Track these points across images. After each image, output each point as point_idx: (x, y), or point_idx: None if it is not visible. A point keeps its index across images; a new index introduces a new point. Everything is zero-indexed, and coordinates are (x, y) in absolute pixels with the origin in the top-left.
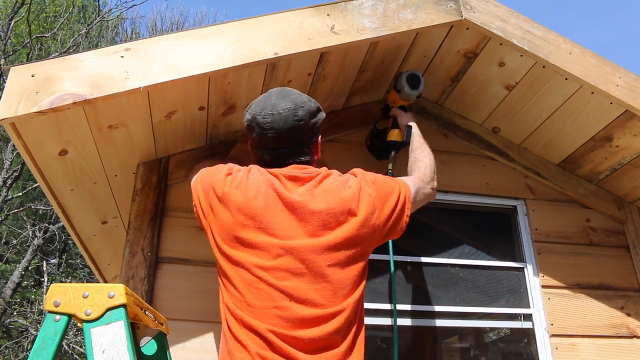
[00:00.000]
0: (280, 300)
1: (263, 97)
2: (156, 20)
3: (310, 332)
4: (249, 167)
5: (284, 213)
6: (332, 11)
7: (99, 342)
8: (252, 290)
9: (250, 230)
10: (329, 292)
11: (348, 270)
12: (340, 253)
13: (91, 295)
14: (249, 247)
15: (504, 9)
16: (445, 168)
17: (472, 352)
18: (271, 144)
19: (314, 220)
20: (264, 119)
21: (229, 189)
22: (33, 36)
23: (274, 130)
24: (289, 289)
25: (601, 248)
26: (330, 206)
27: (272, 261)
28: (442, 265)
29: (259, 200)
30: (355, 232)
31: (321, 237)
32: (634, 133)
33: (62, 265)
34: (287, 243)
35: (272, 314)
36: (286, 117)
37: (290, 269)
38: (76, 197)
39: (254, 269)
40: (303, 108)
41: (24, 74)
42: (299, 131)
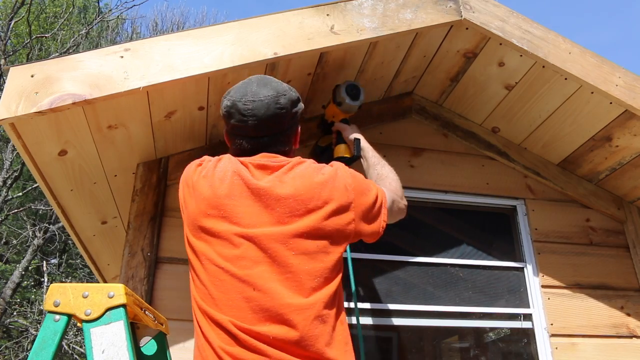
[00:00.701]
0: (244, 291)
1: (243, 84)
2: (157, 20)
3: (275, 330)
4: (219, 157)
5: (249, 200)
6: (332, 11)
7: (99, 342)
8: (216, 281)
9: (214, 219)
10: (294, 283)
11: (317, 262)
12: (308, 242)
13: (91, 295)
14: (213, 236)
15: (503, 8)
16: (445, 168)
17: (472, 352)
18: (251, 131)
19: (280, 207)
20: (244, 105)
21: (197, 178)
22: (33, 36)
23: (255, 118)
24: (251, 278)
25: (601, 248)
26: (299, 192)
27: (235, 250)
28: (442, 265)
29: (223, 188)
30: (326, 222)
31: (287, 224)
32: (634, 133)
33: (62, 265)
34: (250, 231)
35: (236, 305)
36: (268, 104)
37: (253, 258)
38: (76, 197)
39: (218, 259)
40: (285, 96)
41: (24, 74)
42: (280, 119)
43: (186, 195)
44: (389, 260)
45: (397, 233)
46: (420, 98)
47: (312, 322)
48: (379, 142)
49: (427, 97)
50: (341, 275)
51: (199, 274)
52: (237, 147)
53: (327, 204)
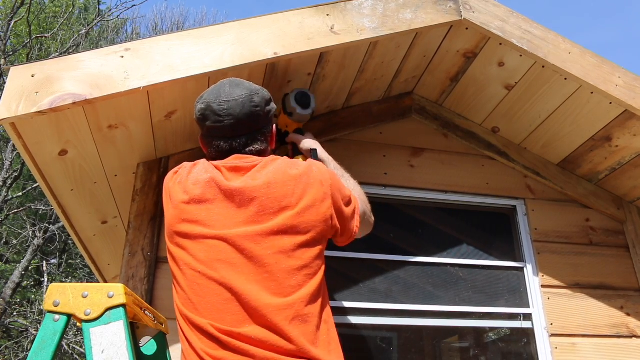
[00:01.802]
0: (222, 294)
1: (215, 87)
2: (157, 20)
3: (255, 331)
4: (195, 162)
5: (222, 203)
6: (332, 11)
7: (99, 342)
8: (194, 286)
9: (188, 224)
10: (272, 283)
11: (295, 260)
12: (285, 240)
13: (90, 295)
14: (188, 240)
15: (503, 8)
16: (445, 168)
17: (471, 352)
18: (228, 131)
19: (253, 206)
20: (219, 105)
21: (173, 185)
22: (33, 36)
23: (231, 117)
24: (228, 281)
25: (601, 248)
26: (272, 189)
27: (210, 253)
28: (442, 265)
29: (196, 193)
30: (301, 218)
31: (261, 223)
32: (634, 133)
33: (62, 265)
34: (224, 233)
35: (215, 308)
36: (243, 102)
37: (229, 260)
38: (76, 197)
39: (194, 263)
40: (258, 95)
41: (24, 74)
42: (256, 117)
43: (165, 204)
44: (389, 260)
45: (397, 233)
46: (420, 98)
47: (292, 321)
48: (379, 142)
49: (427, 97)
50: (323, 273)
51: (179, 280)
52: (214, 149)
53: (302, 199)
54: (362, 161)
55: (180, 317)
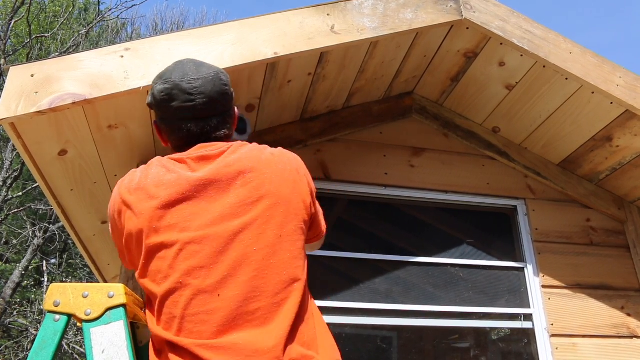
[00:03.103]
0: (208, 303)
1: (176, 66)
2: (157, 20)
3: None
4: (147, 164)
5: (196, 199)
6: (332, 11)
7: (99, 342)
8: (177, 298)
9: (162, 234)
10: (262, 280)
11: (282, 253)
12: (269, 233)
13: (91, 295)
14: (166, 249)
15: (504, 8)
16: (445, 168)
17: (472, 352)
18: (200, 111)
19: (229, 197)
20: (189, 84)
21: (129, 194)
22: (33, 36)
23: (203, 95)
24: (214, 288)
25: (601, 248)
26: (247, 178)
27: (192, 260)
28: (443, 265)
29: (163, 194)
30: (283, 206)
31: (241, 216)
32: (634, 133)
33: (62, 265)
34: (204, 233)
35: (200, 321)
36: (213, 80)
37: (212, 265)
38: (76, 197)
39: (175, 274)
40: (223, 74)
41: (24, 74)
42: (226, 96)
43: (119, 219)
44: (389, 260)
45: (398, 233)
46: (420, 98)
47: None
48: (379, 142)
49: (428, 97)
50: (306, 264)
51: (157, 296)
52: (183, 134)
53: (281, 186)
54: (363, 161)
55: (158, 344)
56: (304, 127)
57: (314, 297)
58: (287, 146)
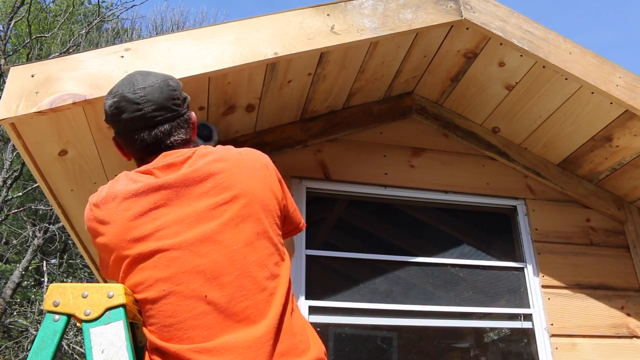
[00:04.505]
0: (195, 308)
1: (124, 79)
2: (156, 20)
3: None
4: (115, 178)
5: (168, 205)
6: (332, 11)
7: (98, 342)
8: (162, 307)
9: (138, 244)
10: (246, 279)
11: (262, 250)
12: (245, 231)
13: (90, 295)
14: (144, 260)
15: (504, 8)
16: (445, 168)
17: (472, 352)
18: (150, 119)
19: (202, 200)
20: (135, 94)
21: (98, 210)
22: (33, 36)
23: (150, 103)
24: (200, 292)
25: (601, 248)
26: (218, 180)
27: (173, 267)
28: (443, 265)
29: (134, 205)
30: (256, 204)
31: (217, 218)
32: (634, 133)
33: (62, 265)
34: (181, 239)
35: (190, 326)
36: (160, 87)
37: (195, 269)
38: (76, 197)
39: (159, 283)
40: (172, 79)
41: (24, 74)
42: (175, 101)
43: (96, 236)
44: (389, 260)
45: (398, 233)
46: (420, 98)
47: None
48: (379, 142)
49: (428, 97)
50: (289, 258)
51: (145, 307)
52: (138, 145)
53: (253, 184)
54: (363, 161)
55: (152, 351)
56: (304, 127)
57: (316, 297)
58: (287, 146)
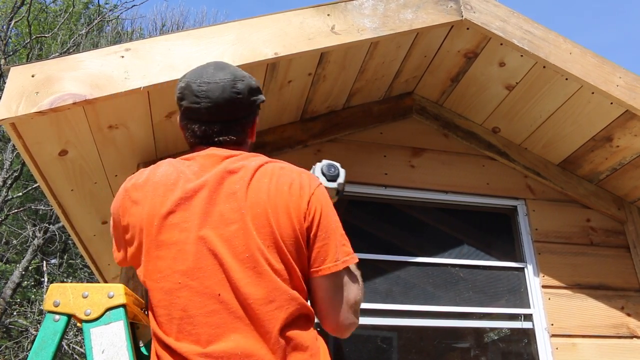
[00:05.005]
0: (205, 306)
1: (199, 67)
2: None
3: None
4: (157, 164)
5: (196, 202)
6: (333, 11)
7: (99, 342)
8: (174, 299)
9: (165, 232)
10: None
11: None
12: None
13: (91, 295)
14: (165, 248)
15: (504, 9)
16: (445, 168)
17: (472, 352)
18: (204, 115)
19: (229, 201)
20: (199, 86)
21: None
22: (33, 36)
23: (208, 100)
24: (213, 290)
25: (601, 248)
26: (249, 178)
27: (190, 261)
28: (443, 265)
29: (168, 196)
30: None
31: (238, 222)
32: (634, 133)
33: (62, 265)
34: (203, 233)
35: (199, 323)
36: (223, 87)
37: (211, 266)
38: (76, 197)
39: (174, 275)
40: (243, 82)
41: (24, 74)
42: (235, 105)
43: (126, 215)
44: (389, 260)
45: (398, 233)
46: (420, 98)
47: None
48: (379, 142)
49: (428, 97)
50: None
51: (152, 297)
52: (189, 133)
53: (277, 200)
54: (363, 161)
55: (157, 344)
56: (304, 128)
57: None
58: (287, 146)
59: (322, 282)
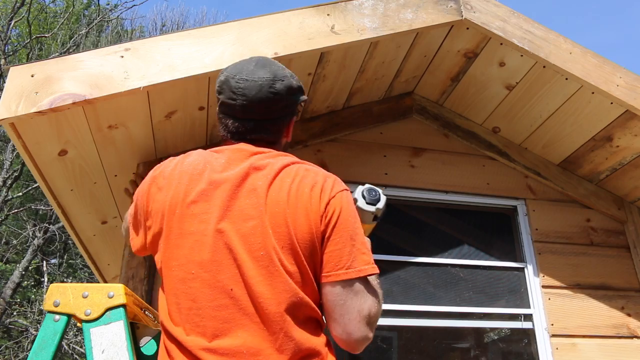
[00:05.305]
0: (215, 299)
1: (242, 61)
2: (156, 20)
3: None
4: (187, 153)
5: (219, 194)
6: (332, 11)
7: (99, 342)
8: (186, 289)
9: (184, 220)
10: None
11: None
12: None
13: (91, 295)
14: (183, 237)
15: (504, 8)
16: (445, 168)
17: (472, 352)
18: (238, 112)
19: (251, 197)
20: (237, 83)
21: (163, 179)
22: (33, 36)
23: (244, 97)
24: (225, 284)
25: (601, 248)
26: (274, 176)
27: (206, 252)
28: (442, 265)
29: (193, 186)
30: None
31: (257, 219)
32: (635, 133)
33: (62, 265)
34: (221, 227)
35: (207, 315)
36: (261, 85)
37: (225, 260)
38: (76, 197)
39: (188, 264)
40: (282, 82)
41: (24, 74)
42: (271, 105)
43: (150, 200)
44: (389, 260)
45: (398, 233)
46: (420, 98)
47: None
48: (379, 142)
49: (428, 97)
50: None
51: (165, 284)
52: (223, 127)
53: (297, 202)
54: (363, 161)
55: (166, 337)
56: (304, 127)
57: None
58: (287, 146)
59: (332, 289)
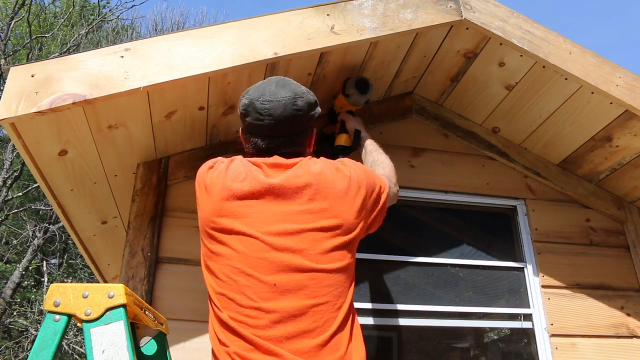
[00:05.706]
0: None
1: (262, 83)
2: (157, 20)
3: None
4: (232, 158)
5: (263, 199)
6: (332, 11)
7: (99, 342)
8: (230, 282)
9: (228, 219)
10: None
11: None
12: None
13: (91, 295)
14: (228, 234)
15: (504, 8)
16: (445, 168)
17: (472, 352)
18: (267, 131)
19: (294, 204)
20: (262, 104)
21: (210, 180)
22: (33, 36)
23: (271, 117)
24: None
25: (601, 248)
26: (313, 190)
27: (251, 250)
28: (442, 265)
29: (236, 188)
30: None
31: (302, 223)
32: (634, 133)
33: (62, 265)
34: (264, 230)
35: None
36: (285, 104)
37: (268, 258)
38: (76, 197)
39: (235, 259)
40: (302, 98)
41: (24, 74)
42: (296, 121)
43: (200, 198)
44: (389, 260)
45: (397, 233)
46: (420, 98)
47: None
48: (379, 142)
49: (428, 97)
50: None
51: (217, 275)
52: (252, 145)
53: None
54: None
55: (213, 316)
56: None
57: None
58: None
59: None
